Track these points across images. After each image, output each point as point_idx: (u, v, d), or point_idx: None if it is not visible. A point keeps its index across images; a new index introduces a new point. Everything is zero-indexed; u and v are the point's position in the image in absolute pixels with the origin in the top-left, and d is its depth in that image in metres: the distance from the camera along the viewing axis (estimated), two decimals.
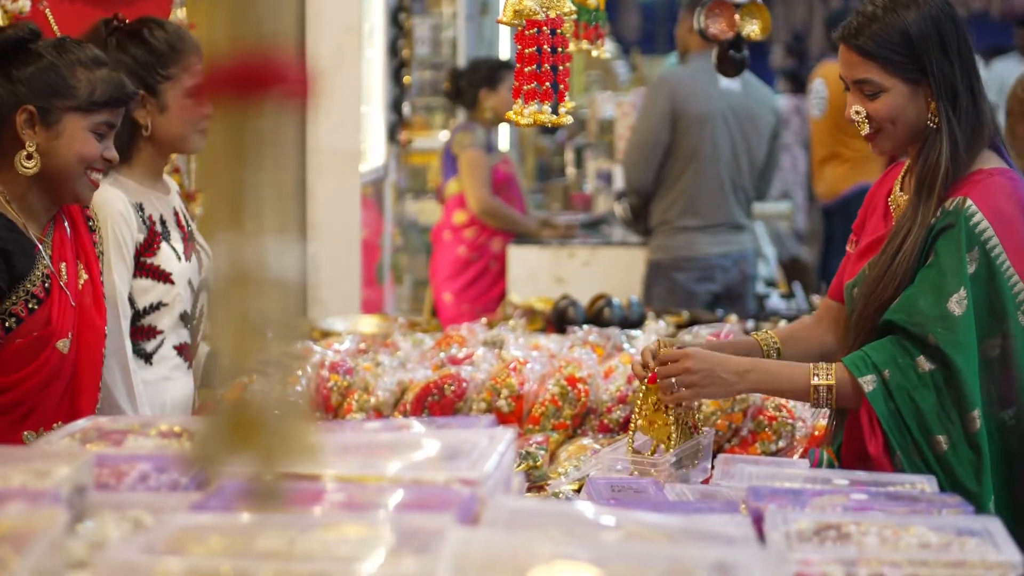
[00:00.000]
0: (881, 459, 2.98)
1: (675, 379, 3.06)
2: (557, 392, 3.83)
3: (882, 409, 2.96)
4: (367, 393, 3.96)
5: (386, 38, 8.00)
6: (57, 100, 3.08)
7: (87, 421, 2.38)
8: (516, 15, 2.96)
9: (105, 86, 3.12)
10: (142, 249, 3.49)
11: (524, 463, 3.51)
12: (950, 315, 2.93)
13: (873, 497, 2.37)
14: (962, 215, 2.96)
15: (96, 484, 2.04)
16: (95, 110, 3.11)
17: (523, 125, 3.10)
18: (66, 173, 3.10)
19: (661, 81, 7.05)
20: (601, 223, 8.77)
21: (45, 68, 3.09)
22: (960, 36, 3.05)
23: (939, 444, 2.95)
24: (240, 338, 1.13)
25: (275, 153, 1.05)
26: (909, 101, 3.05)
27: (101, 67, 3.14)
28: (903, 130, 3.07)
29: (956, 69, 3.03)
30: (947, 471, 2.94)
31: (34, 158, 3.07)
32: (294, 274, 1.10)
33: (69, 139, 3.09)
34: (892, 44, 3.02)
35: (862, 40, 3.05)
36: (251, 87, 1.04)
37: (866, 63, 3.05)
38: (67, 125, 3.09)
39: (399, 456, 2.06)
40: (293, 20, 6.06)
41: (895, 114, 3.05)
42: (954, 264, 2.95)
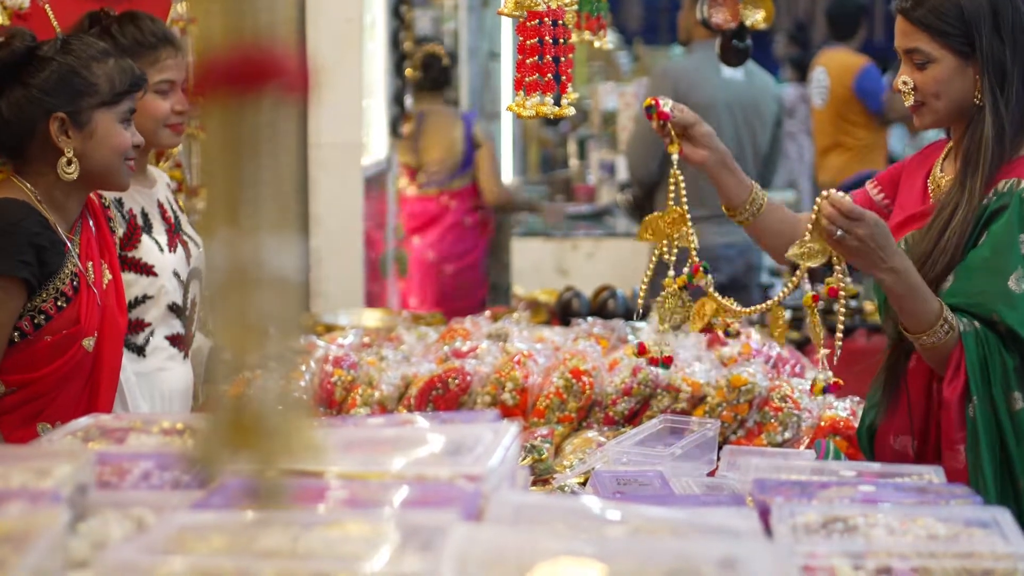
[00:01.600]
0: (952, 402, 2.96)
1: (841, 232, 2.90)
2: (562, 385, 3.82)
3: (972, 352, 2.94)
4: (371, 387, 3.95)
5: (387, 30, 7.98)
6: (84, 100, 3.10)
7: (90, 419, 2.37)
8: (517, 6, 2.94)
9: (122, 75, 3.15)
10: (122, 243, 3.49)
11: (529, 456, 3.50)
12: (1011, 292, 2.94)
13: (880, 489, 2.35)
14: (1016, 196, 2.97)
15: (98, 482, 2.03)
16: (119, 101, 3.14)
17: (525, 117, 3.08)
18: (107, 169, 3.14)
19: (664, 72, 7.03)
20: (605, 214, 8.76)
21: (64, 72, 3.09)
22: (1016, 15, 3.06)
23: (1016, 401, 2.96)
24: (240, 336, 1.12)
25: (273, 149, 1.03)
26: (956, 75, 3.05)
27: (109, 57, 3.15)
28: (946, 104, 3.07)
29: (1007, 49, 3.03)
30: (1017, 428, 2.95)
31: (73, 163, 3.09)
32: (293, 271, 1.08)
33: (104, 135, 3.12)
34: (945, 16, 3.03)
35: (917, 11, 3.06)
36: (248, 82, 1.02)
37: (917, 32, 3.06)
38: (99, 123, 3.11)
39: (402, 452, 2.05)
40: (291, 13, 6.03)
41: (941, 87, 3.06)
42: (1008, 243, 2.96)
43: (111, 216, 3.40)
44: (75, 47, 3.13)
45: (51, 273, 3.07)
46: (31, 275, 3.03)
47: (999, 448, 2.95)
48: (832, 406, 3.82)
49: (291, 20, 1.07)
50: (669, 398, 3.82)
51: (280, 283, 1.06)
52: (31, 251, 3.03)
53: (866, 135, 9.21)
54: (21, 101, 3.08)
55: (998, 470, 2.95)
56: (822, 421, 3.74)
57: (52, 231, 3.10)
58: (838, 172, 9.33)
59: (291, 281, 1.08)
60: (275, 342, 1.12)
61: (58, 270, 3.08)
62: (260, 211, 1.04)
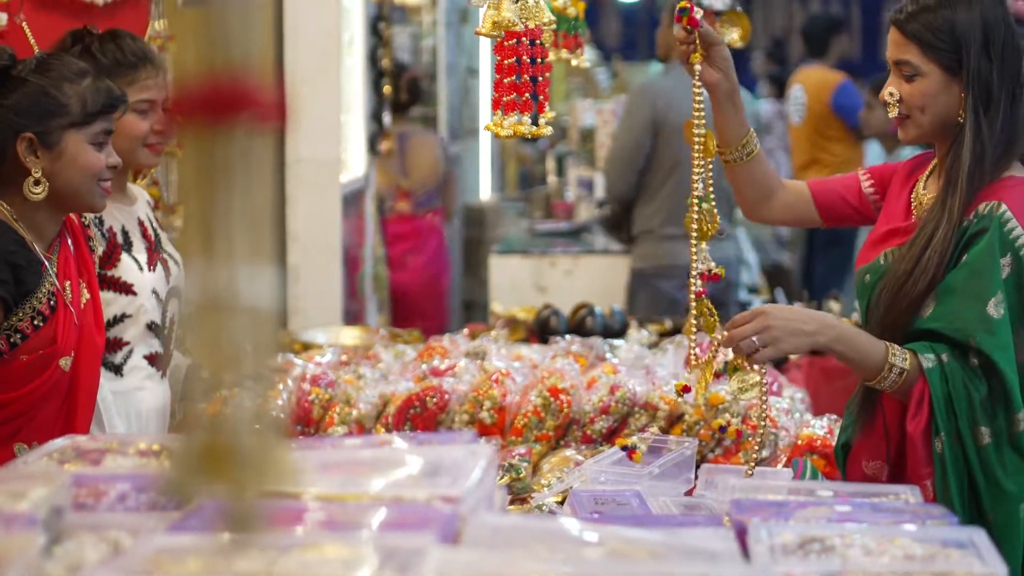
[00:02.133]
0: (916, 438, 2.96)
1: (756, 337, 2.97)
2: (540, 403, 3.82)
3: (937, 388, 2.94)
4: (349, 406, 3.94)
5: (365, 47, 7.98)
6: (53, 121, 3.07)
7: (65, 440, 2.35)
8: (495, 26, 2.94)
9: (95, 95, 3.12)
10: (101, 261, 3.49)
11: (507, 475, 3.50)
12: (990, 318, 2.93)
13: (857, 508, 2.35)
14: (996, 220, 2.96)
15: (74, 505, 2.02)
16: (91, 122, 3.11)
17: (503, 137, 3.09)
18: (76, 190, 3.11)
19: (642, 90, 7.05)
20: (583, 231, 8.76)
21: (34, 92, 3.08)
22: (1008, 41, 3.06)
23: (982, 436, 2.94)
24: (213, 363, 1.12)
25: (246, 179, 1.03)
26: (942, 90, 3.05)
27: (85, 76, 3.13)
28: (930, 119, 3.08)
29: (995, 69, 3.04)
30: (984, 464, 2.94)
31: (41, 183, 3.07)
32: (266, 300, 1.08)
33: (73, 156, 3.09)
34: (936, 31, 3.04)
35: (911, 23, 3.07)
36: (221, 112, 1.02)
37: (909, 45, 3.07)
38: (68, 144, 3.09)
39: (380, 474, 2.04)
40: (266, 41, 6.03)
41: (926, 100, 3.06)
42: (989, 268, 2.95)
43: (91, 235, 3.39)
44: (50, 67, 3.12)
45: (27, 292, 3.06)
46: (7, 293, 3.02)
47: (967, 484, 2.95)
48: (809, 424, 3.83)
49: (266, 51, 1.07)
50: (646, 416, 3.82)
51: (253, 312, 1.06)
52: (7, 269, 3.01)
53: (843, 151, 9.25)
54: None
55: (967, 505, 2.95)
56: (799, 439, 3.74)
57: (28, 250, 3.08)
58: None
59: (264, 310, 1.08)
60: (248, 369, 1.12)
61: (35, 289, 3.07)
62: (233, 240, 1.04)
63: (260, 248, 1.05)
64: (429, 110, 10.33)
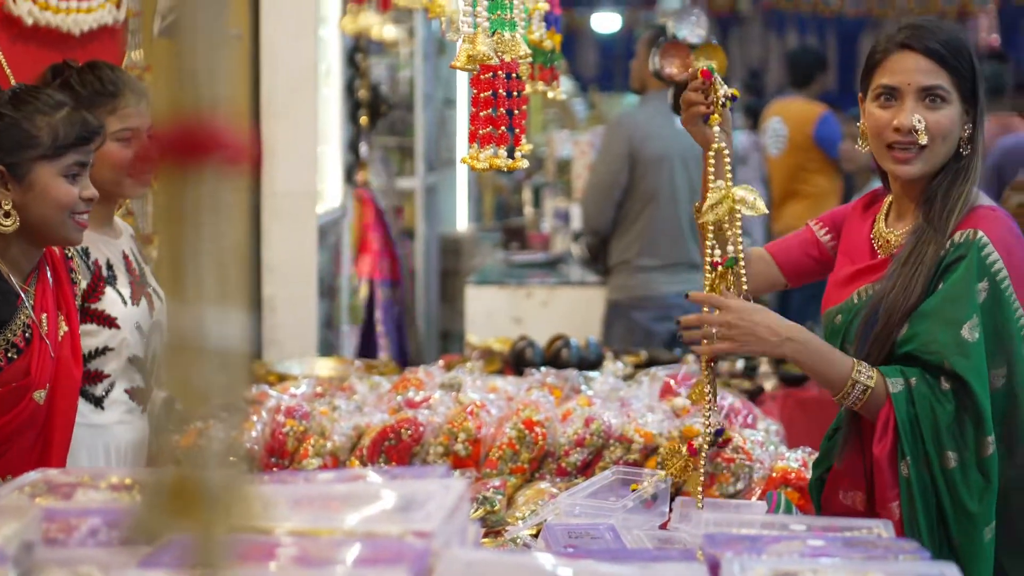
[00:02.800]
0: (882, 461, 2.97)
1: (715, 331, 2.99)
2: (515, 436, 3.82)
3: (903, 412, 2.94)
4: (323, 438, 3.93)
5: (342, 78, 7.99)
6: (22, 153, 3.05)
7: (37, 474, 2.34)
8: (470, 60, 2.95)
9: (67, 127, 3.10)
10: (86, 294, 3.48)
11: (481, 508, 3.49)
12: (965, 341, 2.93)
13: (830, 543, 2.35)
14: (974, 246, 2.96)
15: (44, 539, 2.00)
16: (62, 154, 3.08)
17: (479, 169, 3.09)
18: (48, 223, 3.09)
19: (619, 122, 7.07)
20: (559, 262, 8.77)
21: (5, 124, 3.06)
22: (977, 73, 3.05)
23: (948, 459, 2.94)
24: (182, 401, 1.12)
25: (215, 221, 1.03)
26: (959, 119, 3.02)
27: (60, 109, 3.11)
28: (946, 150, 3.03)
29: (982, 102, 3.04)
30: (950, 487, 2.94)
31: (11, 215, 3.05)
32: (235, 342, 1.08)
33: (43, 189, 3.07)
34: (960, 56, 3.00)
35: (936, 45, 3.00)
36: (189, 154, 1.02)
37: (939, 70, 3.00)
38: (38, 176, 3.07)
39: (352, 508, 2.03)
40: (239, 76, 6.05)
41: (951, 129, 3.01)
42: (965, 293, 2.95)
43: (74, 267, 3.37)
44: (23, 99, 3.11)
45: (2, 323, 3.05)
46: None
47: (934, 507, 2.95)
48: (784, 457, 3.83)
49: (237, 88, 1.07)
50: (621, 449, 3.82)
51: (222, 353, 1.06)
52: None
53: (824, 182, 9.28)
54: None
55: (934, 528, 2.95)
56: (773, 472, 3.74)
57: (3, 280, 3.07)
58: (795, 220, 9.38)
59: (233, 351, 1.08)
60: (216, 409, 1.12)
61: (9, 320, 3.06)
62: (202, 282, 1.04)
63: (229, 290, 1.05)
64: (406, 140, 10.34)
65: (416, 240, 10.16)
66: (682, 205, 6.66)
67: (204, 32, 1.04)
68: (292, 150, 6.25)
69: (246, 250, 1.14)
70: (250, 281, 6.06)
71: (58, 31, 3.96)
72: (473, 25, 2.97)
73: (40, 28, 3.90)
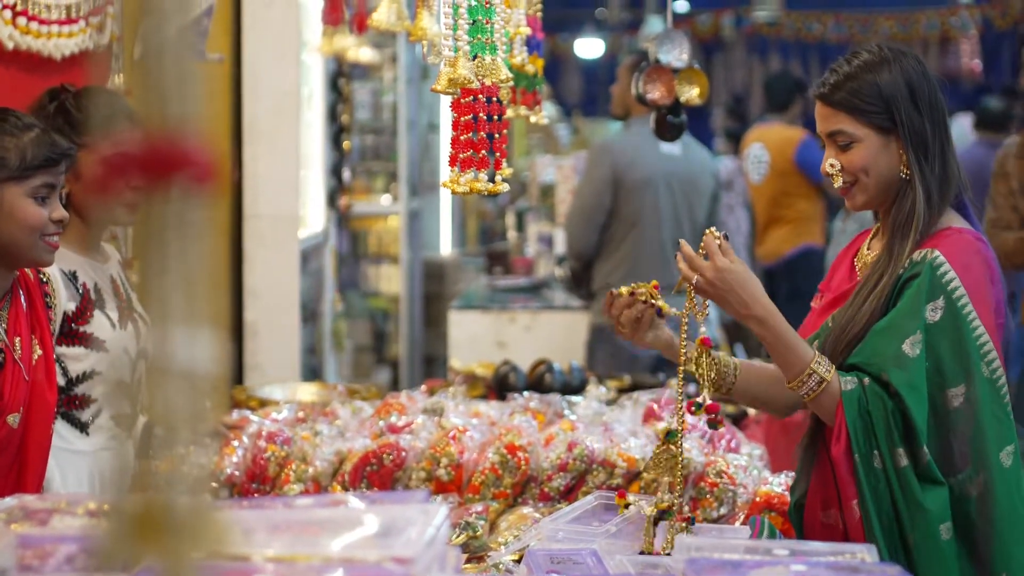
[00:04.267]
0: (839, 461, 3.00)
1: (697, 278, 3.06)
2: (497, 461, 3.80)
3: (852, 410, 2.98)
4: (305, 463, 3.91)
5: (325, 103, 8.00)
6: None
7: (13, 499, 2.32)
8: (451, 83, 2.94)
9: (36, 148, 3.07)
10: (74, 317, 3.46)
11: (463, 534, 3.47)
12: (904, 355, 2.98)
13: (813, 567, 2.34)
14: (928, 265, 3.01)
15: (19, 566, 1.98)
16: (30, 175, 3.06)
17: (459, 193, 3.08)
18: (17, 244, 3.06)
19: (603, 147, 7.07)
20: (542, 287, 8.77)
21: None
22: (931, 91, 3.12)
23: (900, 458, 2.97)
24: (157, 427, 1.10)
25: (181, 240, 1.02)
26: (881, 151, 3.10)
27: (29, 130, 3.08)
28: (876, 180, 3.12)
29: (926, 121, 3.09)
30: (904, 484, 2.96)
31: None
32: (204, 364, 1.07)
33: (10, 210, 3.04)
34: (863, 95, 3.09)
35: (836, 94, 3.12)
36: (155, 172, 1.01)
37: (838, 115, 3.12)
38: (5, 197, 3.04)
39: (331, 534, 2.02)
40: (220, 83, 6.04)
41: (867, 164, 3.10)
42: (912, 309, 3.00)
43: (49, 292, 3.35)
44: None
45: None
46: None
47: (890, 503, 2.98)
48: (767, 481, 3.82)
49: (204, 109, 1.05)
50: (604, 473, 3.81)
51: (188, 376, 1.04)
52: None
53: (806, 206, 9.30)
54: None
55: (888, 525, 2.98)
56: (757, 496, 3.73)
57: None
58: (779, 244, 9.40)
59: (201, 374, 1.06)
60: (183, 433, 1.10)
61: None
62: (168, 303, 1.03)
63: (197, 311, 1.04)
64: (389, 165, 10.34)
65: (400, 264, 10.16)
66: (666, 229, 6.66)
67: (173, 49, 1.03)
68: (274, 174, 6.24)
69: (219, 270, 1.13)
70: (232, 305, 6.04)
71: (39, 55, 3.94)
72: (454, 48, 2.97)
73: (21, 52, 3.89)
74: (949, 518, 2.97)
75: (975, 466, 3.00)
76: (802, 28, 16.21)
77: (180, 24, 1.10)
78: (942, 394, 2.99)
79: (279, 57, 6.24)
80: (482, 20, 3.02)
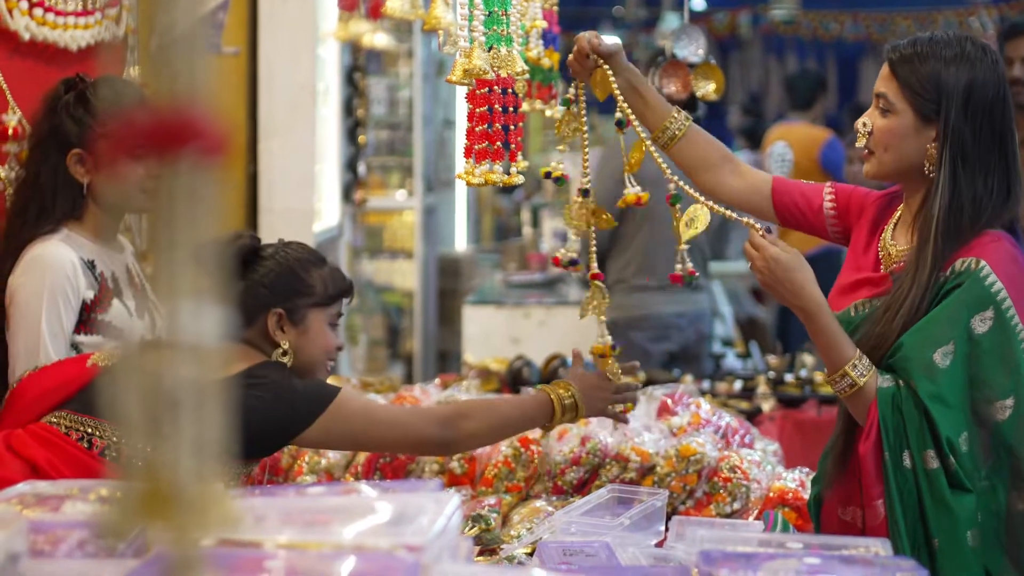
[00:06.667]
0: (867, 458, 2.97)
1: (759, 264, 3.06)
2: (510, 454, 3.80)
3: (886, 408, 2.95)
4: (318, 455, 3.91)
5: (341, 97, 7.99)
6: (300, 299, 3.24)
7: (26, 485, 2.32)
8: (466, 74, 2.94)
9: (335, 281, 3.31)
10: (93, 305, 3.47)
11: (476, 526, 3.47)
12: (934, 365, 2.93)
13: (826, 561, 2.33)
14: (974, 275, 2.94)
15: (31, 551, 1.98)
16: (330, 303, 3.29)
17: (474, 185, 3.08)
18: (313, 365, 3.27)
19: (616, 141, 7.05)
20: (557, 283, 8.76)
21: (284, 271, 3.25)
22: (994, 100, 3.02)
23: (930, 460, 2.93)
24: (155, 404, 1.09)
25: (191, 212, 1.01)
26: (911, 134, 3.04)
27: (324, 264, 3.32)
28: (893, 159, 3.06)
29: (971, 129, 3.00)
30: (933, 486, 2.93)
31: (289, 354, 3.22)
32: (211, 338, 1.06)
33: (314, 334, 3.26)
34: (921, 76, 3.02)
35: (900, 63, 3.06)
36: (164, 144, 1.00)
37: (892, 80, 3.06)
38: (311, 321, 3.25)
39: (343, 521, 2.01)
40: (236, 77, 6.04)
41: (893, 140, 3.05)
42: (950, 318, 2.94)
43: None
44: (293, 249, 3.30)
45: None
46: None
47: (917, 505, 2.95)
48: (781, 477, 3.81)
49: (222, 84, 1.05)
50: (618, 467, 3.80)
51: (195, 350, 1.04)
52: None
53: None
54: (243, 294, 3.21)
55: (912, 526, 2.94)
56: (771, 492, 3.72)
57: None
58: (801, 243, 9.36)
59: (207, 348, 1.06)
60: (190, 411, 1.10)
61: None
62: (175, 276, 1.02)
63: (204, 284, 1.03)
64: (405, 160, 10.35)
65: (415, 260, 10.16)
66: None
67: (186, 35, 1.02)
68: (289, 168, 6.24)
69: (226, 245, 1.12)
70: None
71: (55, 46, 3.94)
72: (469, 39, 2.96)
73: (37, 43, 3.89)
74: (976, 525, 2.92)
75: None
76: (819, 27, 16.16)
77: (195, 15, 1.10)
78: (989, 406, 2.93)
79: (295, 51, 6.24)
80: (498, 11, 3.02)
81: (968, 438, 2.93)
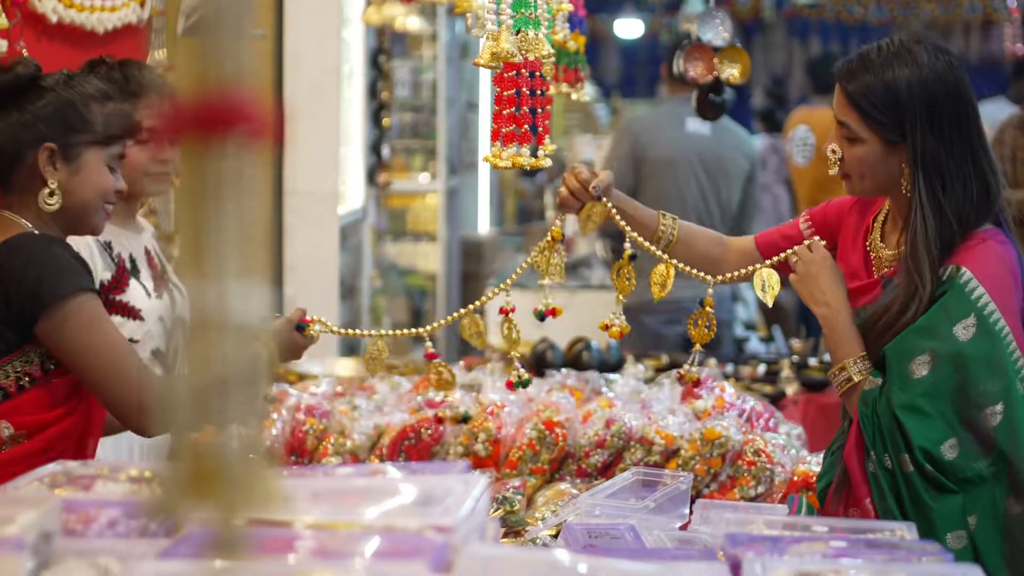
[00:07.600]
0: (851, 457, 3.00)
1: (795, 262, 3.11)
2: (535, 436, 3.81)
3: (864, 408, 2.96)
4: (343, 437, 3.93)
5: (365, 80, 8.00)
6: (76, 136, 3.04)
7: (56, 465, 2.34)
8: (493, 57, 2.94)
9: (118, 119, 3.11)
10: (111, 286, 3.48)
11: (501, 508, 3.48)
12: (908, 376, 2.92)
13: (852, 544, 2.33)
14: (956, 284, 2.92)
15: (63, 530, 2.00)
16: (110, 143, 3.09)
17: (501, 168, 3.08)
18: (86, 207, 3.08)
19: (625, 125, 7.07)
20: (580, 266, 8.76)
21: (62, 104, 3.04)
22: (958, 107, 2.95)
23: (906, 463, 2.92)
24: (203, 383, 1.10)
25: (238, 194, 1.02)
26: (882, 160, 2.99)
27: (110, 100, 3.11)
28: (872, 183, 3.04)
29: (942, 147, 2.94)
30: (911, 488, 2.92)
31: (56, 195, 3.03)
32: (258, 318, 1.07)
33: (88, 173, 3.06)
34: (876, 99, 2.96)
35: (851, 85, 3.00)
36: (212, 127, 1.01)
37: (849, 108, 3.01)
38: (86, 160, 3.06)
39: (371, 502, 2.03)
40: (261, 59, 6.05)
41: (865, 168, 3.02)
42: (928, 328, 2.92)
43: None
44: (77, 83, 3.09)
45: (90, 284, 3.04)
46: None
47: (897, 505, 2.94)
48: (805, 461, 3.81)
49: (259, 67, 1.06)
50: (642, 451, 3.81)
51: (244, 330, 1.05)
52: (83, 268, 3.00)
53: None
54: (15, 126, 3.03)
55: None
56: (795, 476, 3.72)
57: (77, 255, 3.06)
58: None
59: (256, 328, 1.07)
60: (238, 390, 1.11)
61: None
62: (223, 257, 1.03)
63: (251, 265, 1.04)
64: (428, 143, 10.35)
65: (438, 243, 10.16)
66: (691, 209, 6.58)
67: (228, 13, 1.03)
68: (314, 151, 6.25)
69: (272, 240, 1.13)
70: (271, 281, 6.06)
71: (82, 29, 3.96)
72: (497, 23, 2.97)
73: (64, 26, 3.91)
74: (960, 527, 2.91)
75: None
76: (843, 10, 16.07)
77: None
78: (980, 413, 2.90)
79: (320, 34, 6.25)
80: None
81: (958, 443, 2.91)
